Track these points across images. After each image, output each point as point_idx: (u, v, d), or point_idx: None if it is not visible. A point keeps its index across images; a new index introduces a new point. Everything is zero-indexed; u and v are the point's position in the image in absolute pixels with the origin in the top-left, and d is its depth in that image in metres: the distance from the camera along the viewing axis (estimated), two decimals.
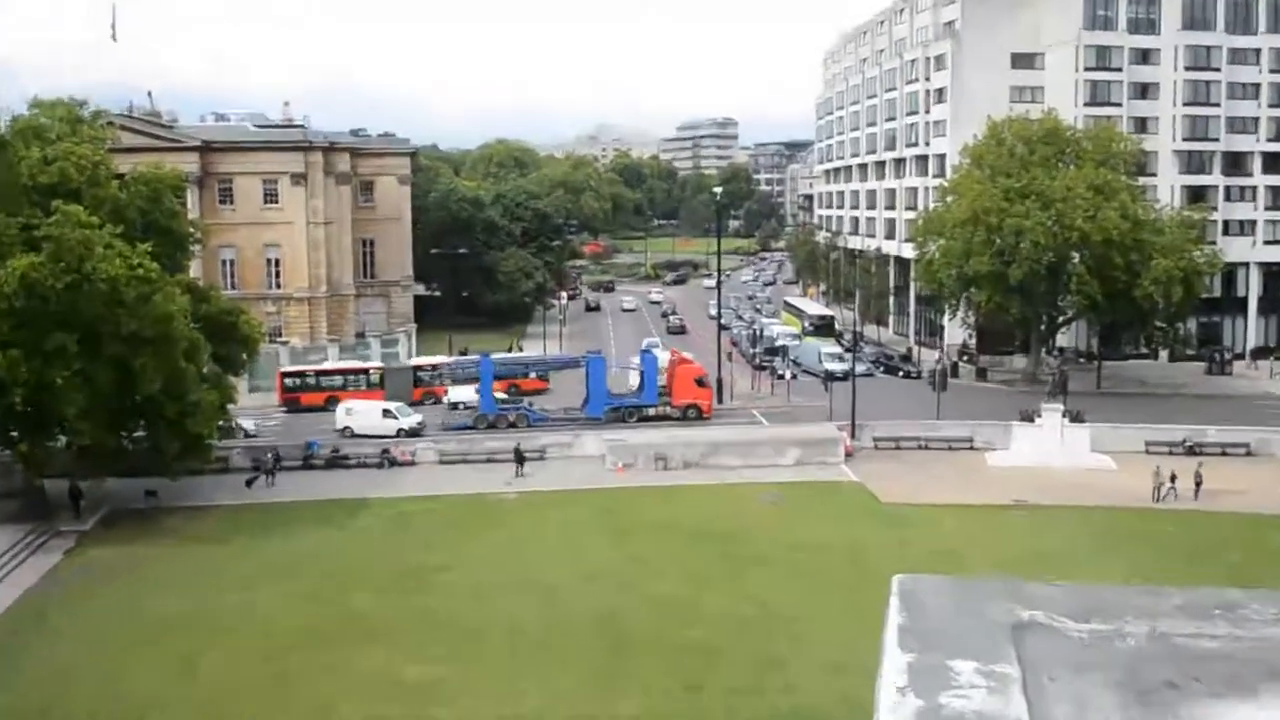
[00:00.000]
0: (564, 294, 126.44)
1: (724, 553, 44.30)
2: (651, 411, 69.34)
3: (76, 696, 32.30)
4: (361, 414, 67.39)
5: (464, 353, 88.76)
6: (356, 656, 34.73)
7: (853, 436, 61.62)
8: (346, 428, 66.44)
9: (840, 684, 30.09)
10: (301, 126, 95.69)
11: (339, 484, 56.62)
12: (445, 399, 71.80)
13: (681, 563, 43.11)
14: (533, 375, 76.81)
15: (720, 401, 72.81)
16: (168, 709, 31.33)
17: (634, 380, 72.31)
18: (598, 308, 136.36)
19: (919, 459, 60.30)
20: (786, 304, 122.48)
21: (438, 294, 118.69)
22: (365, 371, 78.29)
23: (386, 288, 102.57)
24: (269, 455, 58.33)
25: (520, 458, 58.24)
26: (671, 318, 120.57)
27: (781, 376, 79.39)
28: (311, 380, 77.28)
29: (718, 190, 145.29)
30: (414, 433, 66.20)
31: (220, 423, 52.47)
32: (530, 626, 36.85)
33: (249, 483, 56.01)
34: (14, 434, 48.39)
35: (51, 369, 44.49)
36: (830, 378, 74.07)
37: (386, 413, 67.51)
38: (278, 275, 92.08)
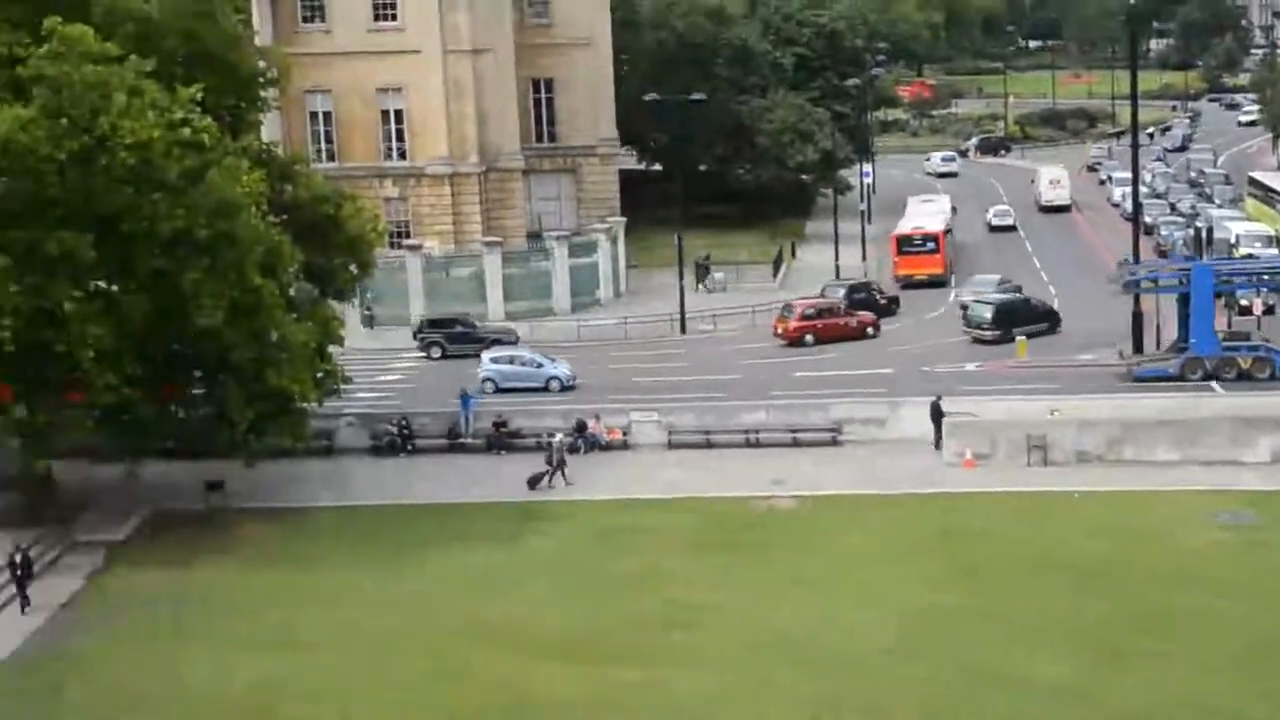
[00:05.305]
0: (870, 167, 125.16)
1: (1150, 610, 43.37)
2: None
3: None
4: None
5: (705, 261, 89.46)
6: None
7: None
8: None
9: None
10: None
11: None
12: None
13: (1074, 627, 42.29)
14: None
15: (1139, 350, 71.47)
16: None
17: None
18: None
19: None
20: (1253, 184, 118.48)
21: (656, 168, 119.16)
22: None
23: (574, 158, 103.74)
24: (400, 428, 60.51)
25: (938, 414, 58.96)
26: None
27: (1246, 309, 76.98)
28: None
29: None
30: None
31: (319, 373, 53.84)
32: None
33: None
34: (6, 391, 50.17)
35: (56, 287, 46.31)
36: None
37: None
38: (400, 139, 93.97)
